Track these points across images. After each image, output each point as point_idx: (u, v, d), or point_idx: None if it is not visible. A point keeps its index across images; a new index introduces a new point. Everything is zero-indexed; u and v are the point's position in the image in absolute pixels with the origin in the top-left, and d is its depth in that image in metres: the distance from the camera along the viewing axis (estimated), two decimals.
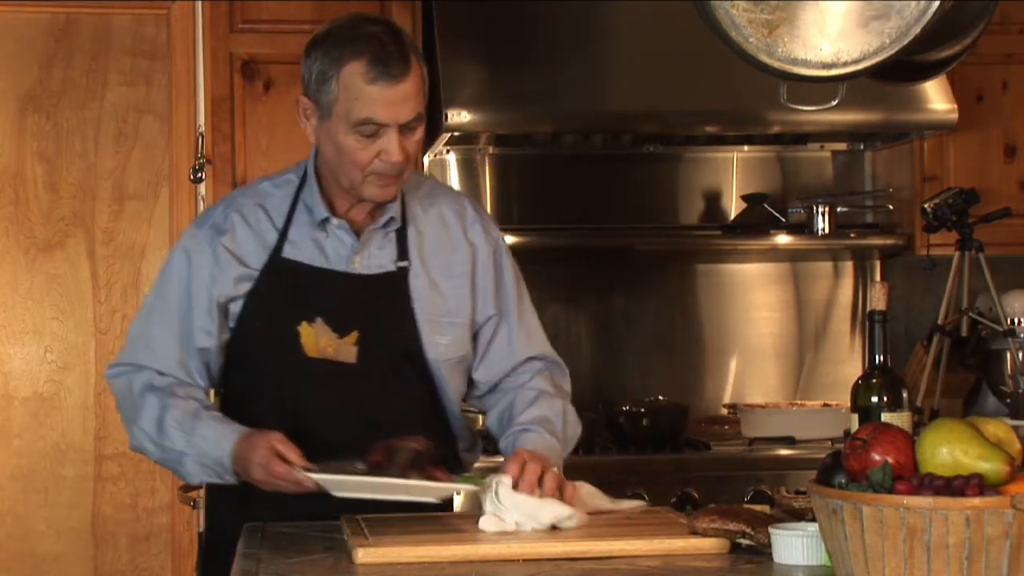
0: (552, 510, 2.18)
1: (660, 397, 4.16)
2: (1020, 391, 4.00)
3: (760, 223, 4.28)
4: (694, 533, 2.07)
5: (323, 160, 2.49)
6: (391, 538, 2.08)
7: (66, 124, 4.10)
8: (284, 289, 2.48)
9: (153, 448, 2.48)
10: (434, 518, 2.28)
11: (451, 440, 2.58)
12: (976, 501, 1.58)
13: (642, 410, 3.94)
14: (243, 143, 3.90)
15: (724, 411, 4.29)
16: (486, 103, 3.82)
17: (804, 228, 4.27)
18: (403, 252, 2.52)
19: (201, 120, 4.01)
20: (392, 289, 2.49)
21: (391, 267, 2.51)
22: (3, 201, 4.06)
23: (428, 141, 3.97)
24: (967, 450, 1.67)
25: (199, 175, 3.95)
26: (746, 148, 4.40)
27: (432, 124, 3.93)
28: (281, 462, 2.29)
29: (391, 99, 2.35)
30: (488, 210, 4.27)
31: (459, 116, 3.77)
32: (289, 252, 2.49)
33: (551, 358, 2.67)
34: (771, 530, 1.94)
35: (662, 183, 4.40)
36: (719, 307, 4.42)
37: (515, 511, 2.17)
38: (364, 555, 1.99)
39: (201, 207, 3.99)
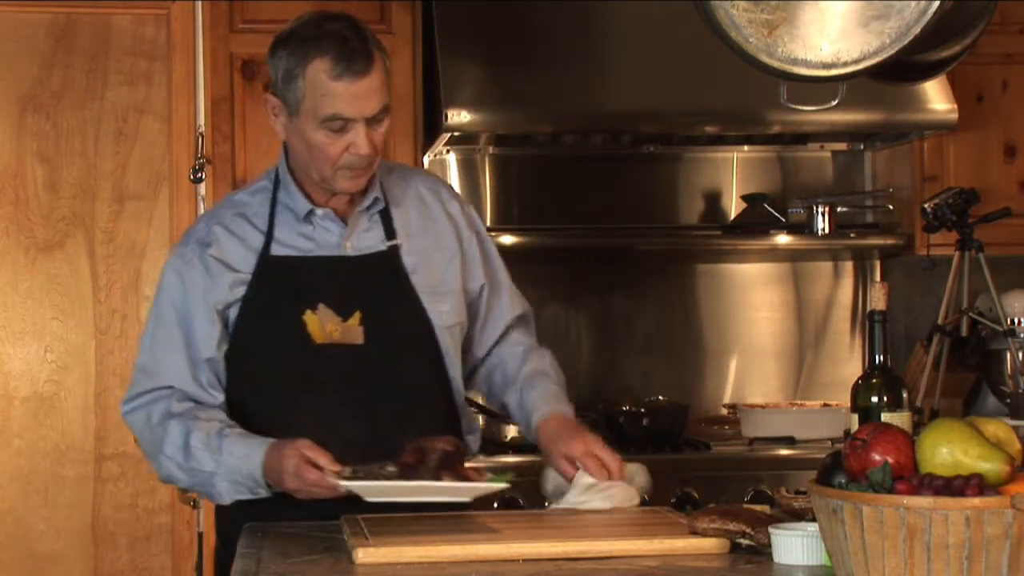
0: (623, 494, 2.38)
1: (660, 397, 4.16)
2: (1020, 391, 4.00)
3: (760, 223, 4.28)
4: (694, 533, 2.07)
5: (294, 157, 2.55)
6: (391, 538, 2.08)
7: (66, 124, 4.10)
8: (281, 283, 2.51)
9: (182, 474, 2.48)
10: (434, 518, 2.28)
11: (456, 419, 2.62)
12: (976, 501, 1.58)
13: (642, 410, 3.94)
14: (243, 143, 3.89)
15: (724, 411, 4.29)
16: (486, 103, 3.82)
17: (804, 228, 4.27)
18: (390, 231, 2.58)
19: (201, 120, 4.01)
20: (387, 267, 2.55)
21: (382, 247, 2.57)
22: (3, 201, 4.06)
23: (428, 141, 3.97)
24: (967, 450, 1.67)
25: (199, 175, 3.95)
26: (746, 148, 4.40)
27: (432, 124, 3.94)
28: (313, 468, 2.30)
29: (356, 94, 2.41)
30: (488, 210, 4.28)
31: (459, 116, 3.77)
32: (277, 250, 2.53)
33: (523, 312, 2.79)
34: (771, 530, 1.94)
35: (662, 183, 4.40)
36: (719, 307, 4.42)
37: (596, 499, 2.37)
38: (364, 555, 1.99)
39: (201, 207, 3.98)
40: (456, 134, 3.87)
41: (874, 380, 2.23)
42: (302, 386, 2.49)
